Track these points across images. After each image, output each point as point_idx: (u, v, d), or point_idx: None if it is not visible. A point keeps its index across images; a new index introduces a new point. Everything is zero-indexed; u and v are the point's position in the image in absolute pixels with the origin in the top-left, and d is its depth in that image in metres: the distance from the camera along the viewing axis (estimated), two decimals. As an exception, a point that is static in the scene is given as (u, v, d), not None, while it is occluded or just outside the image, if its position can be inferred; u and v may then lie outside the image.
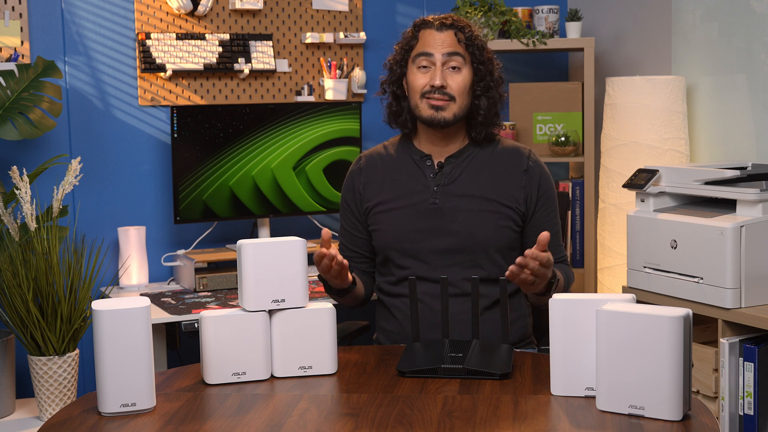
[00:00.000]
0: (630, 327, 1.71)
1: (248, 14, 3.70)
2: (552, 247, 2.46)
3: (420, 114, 2.41)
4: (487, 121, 2.44)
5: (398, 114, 2.48)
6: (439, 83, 2.37)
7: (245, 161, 3.55)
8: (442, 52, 2.39)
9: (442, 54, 2.39)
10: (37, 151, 3.39)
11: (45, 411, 2.98)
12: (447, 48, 2.39)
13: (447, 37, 2.40)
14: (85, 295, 2.97)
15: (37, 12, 3.38)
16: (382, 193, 2.47)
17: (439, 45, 2.39)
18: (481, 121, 2.44)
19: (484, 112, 2.43)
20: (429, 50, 2.39)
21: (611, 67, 4.03)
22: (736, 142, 3.44)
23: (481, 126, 2.44)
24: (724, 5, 3.45)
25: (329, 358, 2.04)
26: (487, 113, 2.43)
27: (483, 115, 2.43)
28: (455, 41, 2.41)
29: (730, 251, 2.76)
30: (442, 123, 2.39)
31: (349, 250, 2.53)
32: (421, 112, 2.40)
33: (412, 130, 2.49)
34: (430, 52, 2.39)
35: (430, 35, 2.41)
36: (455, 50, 2.39)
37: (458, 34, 2.41)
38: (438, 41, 2.40)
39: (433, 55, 2.39)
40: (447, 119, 2.38)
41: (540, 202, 2.45)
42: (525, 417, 1.75)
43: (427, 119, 2.39)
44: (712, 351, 2.84)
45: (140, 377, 1.82)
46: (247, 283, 1.98)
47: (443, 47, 2.39)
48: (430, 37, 2.41)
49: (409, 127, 2.48)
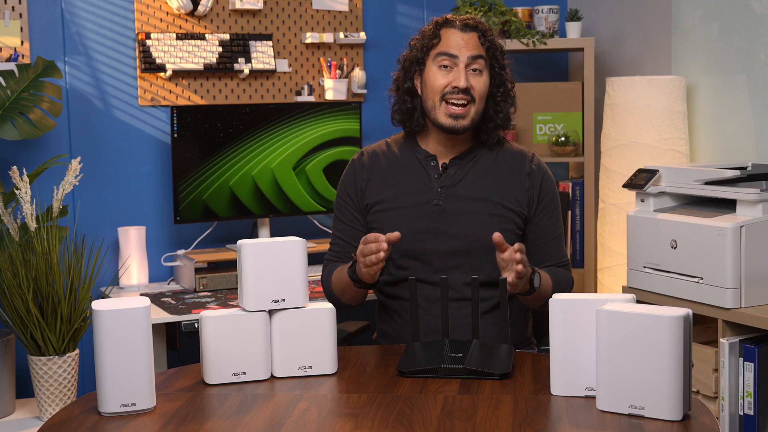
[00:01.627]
0: (630, 327, 1.71)
1: (248, 14, 3.70)
2: (553, 252, 2.46)
3: (437, 118, 2.38)
4: (503, 125, 2.44)
5: (412, 113, 2.44)
6: (464, 85, 2.35)
7: (245, 161, 3.55)
8: (467, 55, 2.37)
9: (466, 56, 2.37)
10: (37, 151, 3.39)
11: (45, 411, 2.98)
12: (471, 50, 2.37)
13: (471, 39, 2.38)
14: (85, 295, 2.97)
15: (37, 12, 3.38)
16: (385, 192, 2.45)
17: (464, 47, 2.37)
18: (497, 125, 2.43)
19: (503, 116, 2.42)
20: (453, 51, 2.37)
21: (611, 67, 4.03)
22: (736, 142, 3.44)
23: (494, 129, 2.44)
24: (724, 5, 3.45)
25: (329, 358, 2.04)
26: (506, 118, 2.43)
27: (502, 119, 2.42)
28: (478, 44, 2.39)
29: (730, 251, 2.76)
30: (461, 131, 2.38)
31: (347, 244, 2.48)
32: (438, 116, 2.38)
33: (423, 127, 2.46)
34: (455, 53, 2.37)
35: (454, 35, 2.39)
36: (479, 53, 2.38)
37: (481, 38, 2.39)
38: (462, 43, 2.37)
39: (458, 57, 2.36)
40: (466, 126, 2.37)
41: (541, 206, 2.44)
42: (525, 417, 1.75)
43: (447, 127, 2.37)
44: (712, 351, 2.84)
45: (140, 377, 1.82)
46: (247, 283, 1.98)
47: (468, 49, 2.37)
48: (454, 38, 2.38)
49: (422, 124, 2.45)
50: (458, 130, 2.37)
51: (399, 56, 2.49)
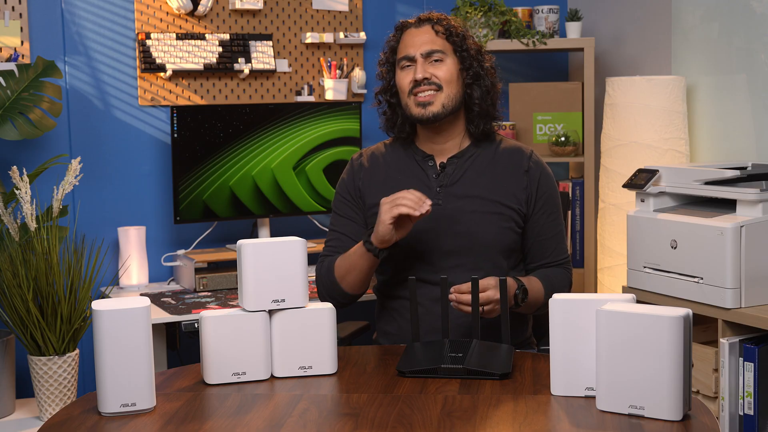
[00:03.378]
0: (630, 327, 1.71)
1: (248, 14, 3.70)
2: (553, 249, 2.46)
3: (410, 113, 2.40)
4: (483, 111, 2.42)
5: (394, 121, 2.47)
6: (420, 76, 2.36)
7: (245, 161, 3.55)
8: (419, 51, 2.38)
9: (419, 53, 2.38)
10: (37, 151, 3.39)
11: (45, 411, 2.98)
12: (425, 46, 2.39)
13: (424, 33, 2.40)
14: (85, 295, 2.97)
15: (37, 12, 3.38)
16: (384, 193, 2.43)
17: (418, 44, 2.39)
18: (478, 113, 2.42)
19: (478, 101, 2.41)
20: (409, 52, 2.39)
21: (611, 67, 4.03)
22: (736, 142, 3.44)
23: (478, 119, 2.43)
24: (724, 5, 3.45)
25: (329, 358, 2.04)
26: (482, 102, 2.42)
27: (478, 104, 2.41)
28: (433, 35, 2.40)
29: (730, 251, 2.76)
30: (432, 118, 2.37)
31: (347, 238, 2.45)
32: (410, 110, 2.39)
33: (411, 133, 2.49)
34: (411, 53, 2.39)
35: (409, 35, 2.42)
36: (433, 47, 2.39)
37: (435, 27, 2.40)
38: (416, 40, 2.39)
39: (414, 56, 2.39)
40: (435, 113, 2.37)
41: (540, 203, 2.44)
42: (525, 417, 1.75)
43: (416, 117, 2.39)
44: (712, 351, 2.84)
45: (140, 377, 1.82)
46: (247, 283, 1.98)
47: (421, 46, 2.39)
48: (409, 38, 2.41)
49: (407, 131, 2.47)
50: (429, 117, 2.37)
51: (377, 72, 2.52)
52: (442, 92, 2.38)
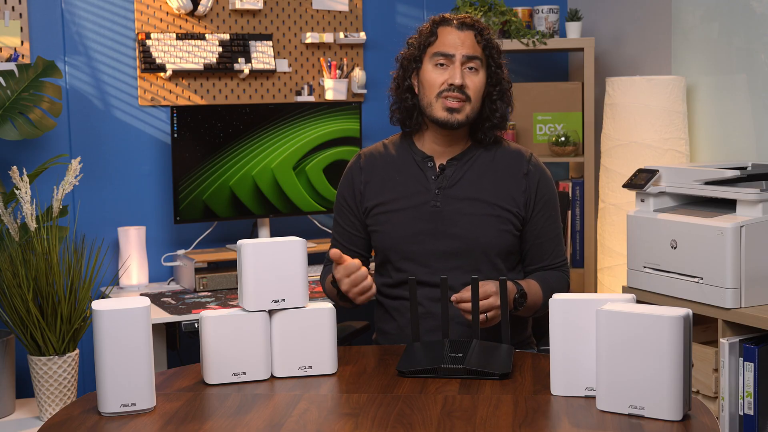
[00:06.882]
0: (630, 327, 1.71)
1: (248, 14, 3.70)
2: (551, 252, 2.46)
3: (433, 113, 2.38)
4: (500, 124, 2.44)
5: (411, 112, 2.44)
6: (459, 82, 2.35)
7: (245, 161, 3.55)
8: (463, 53, 2.37)
9: (462, 55, 2.37)
10: (37, 151, 3.39)
11: (45, 411, 2.98)
12: (467, 50, 2.37)
13: (467, 38, 2.38)
14: (85, 295, 2.97)
15: (37, 12, 3.38)
16: (383, 194, 2.45)
17: (460, 45, 2.37)
18: (494, 124, 2.43)
19: (499, 116, 2.42)
20: (449, 50, 2.37)
21: (611, 67, 4.03)
22: (736, 142, 3.45)
23: (490, 129, 2.44)
24: (724, 5, 3.45)
25: (329, 358, 2.04)
26: (502, 117, 2.43)
27: (498, 118, 2.42)
28: (475, 43, 2.39)
29: (730, 251, 2.76)
30: (456, 125, 2.37)
31: (345, 248, 2.49)
32: (434, 111, 2.38)
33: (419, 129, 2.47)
34: (451, 52, 2.37)
35: (450, 34, 2.39)
36: (475, 53, 2.38)
37: (478, 36, 2.39)
38: (458, 41, 2.38)
39: (454, 56, 2.37)
40: (461, 121, 2.37)
41: (538, 207, 2.44)
42: (525, 417, 1.75)
43: (442, 121, 2.37)
44: (712, 351, 2.84)
45: (140, 377, 1.82)
46: (247, 283, 1.98)
47: (464, 48, 2.37)
48: (450, 36, 2.39)
49: (420, 126, 2.46)
50: (453, 124, 2.37)
51: (397, 55, 2.49)
52: (469, 104, 2.37)
